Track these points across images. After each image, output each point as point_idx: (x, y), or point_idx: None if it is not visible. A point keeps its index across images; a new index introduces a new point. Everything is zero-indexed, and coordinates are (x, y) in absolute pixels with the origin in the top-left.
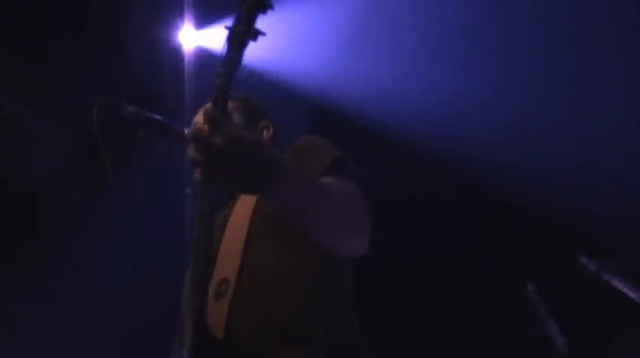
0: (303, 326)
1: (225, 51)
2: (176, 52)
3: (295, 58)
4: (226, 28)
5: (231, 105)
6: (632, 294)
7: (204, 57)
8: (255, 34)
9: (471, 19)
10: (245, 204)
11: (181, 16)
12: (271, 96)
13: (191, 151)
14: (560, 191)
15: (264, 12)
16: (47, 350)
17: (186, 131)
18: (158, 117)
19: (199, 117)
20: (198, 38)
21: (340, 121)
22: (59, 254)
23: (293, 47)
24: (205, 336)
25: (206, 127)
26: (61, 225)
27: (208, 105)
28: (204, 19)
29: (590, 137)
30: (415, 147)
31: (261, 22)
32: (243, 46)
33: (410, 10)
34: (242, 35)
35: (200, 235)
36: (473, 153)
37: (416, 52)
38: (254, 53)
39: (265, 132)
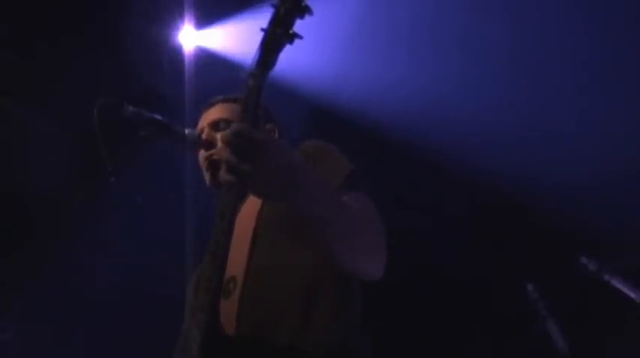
0: (310, 324)
1: (259, 52)
2: (176, 52)
3: (294, 57)
4: (262, 30)
5: (237, 108)
6: (632, 294)
7: (204, 57)
8: (292, 37)
9: (472, 18)
10: (252, 204)
11: (181, 16)
12: (270, 96)
13: (222, 152)
14: (560, 191)
15: (302, 16)
16: (47, 350)
17: (186, 131)
18: (158, 117)
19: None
20: (198, 38)
21: (339, 121)
22: (59, 254)
23: (292, 47)
24: (216, 333)
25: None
26: (61, 225)
27: (235, 125)
28: (204, 19)
29: (590, 137)
30: (415, 147)
31: (258, 22)
32: (279, 48)
33: (410, 10)
34: (279, 38)
35: (221, 232)
36: (473, 153)
37: (416, 52)
38: (253, 53)
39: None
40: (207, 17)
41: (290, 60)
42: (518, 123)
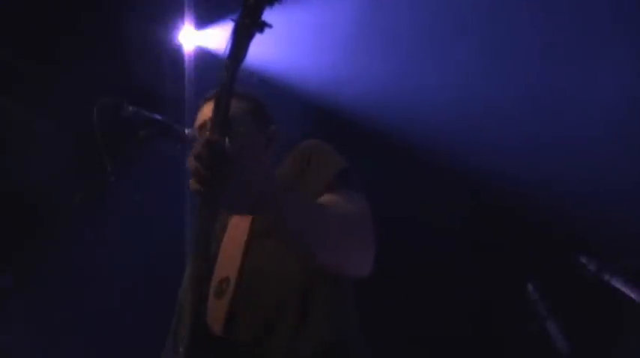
0: (302, 324)
1: (230, 43)
2: (176, 52)
3: (294, 57)
4: (232, 20)
5: (243, 106)
6: (632, 294)
7: (204, 57)
8: (261, 26)
9: (473, 18)
10: None
11: (181, 16)
12: (270, 95)
13: (191, 162)
14: (560, 191)
15: (271, 5)
16: (47, 350)
17: (186, 131)
18: (158, 117)
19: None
20: (198, 38)
21: (338, 121)
22: (59, 254)
23: (292, 47)
24: (203, 332)
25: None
26: (61, 225)
27: (208, 134)
28: (204, 19)
29: (590, 137)
30: (414, 147)
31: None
32: (249, 38)
33: (410, 10)
34: (248, 27)
35: (200, 232)
36: (473, 153)
37: (417, 53)
38: (254, 53)
39: (272, 138)
40: (207, 17)
41: (291, 60)
42: (519, 123)
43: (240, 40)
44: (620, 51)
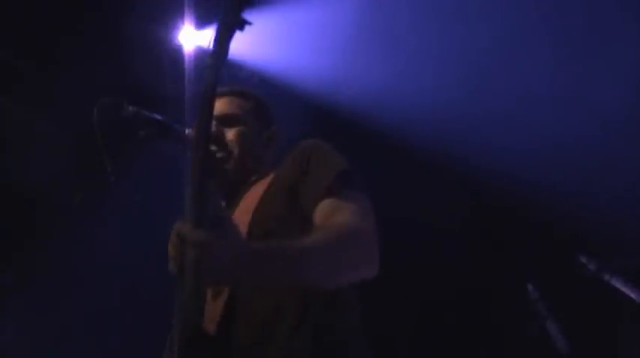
0: (301, 325)
1: (214, 43)
2: (176, 52)
3: (294, 57)
4: (215, 20)
5: (246, 105)
6: (632, 294)
7: (204, 57)
8: (242, 25)
9: (472, 19)
10: (246, 206)
11: (181, 16)
12: (270, 95)
13: (172, 249)
14: (560, 191)
15: (251, 4)
16: (47, 350)
17: (186, 131)
18: (158, 117)
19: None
20: (198, 38)
21: (338, 121)
22: (59, 254)
23: (292, 47)
24: (198, 333)
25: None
26: (61, 225)
27: (179, 225)
28: (204, 19)
29: (590, 138)
30: (414, 147)
31: (263, 23)
32: (230, 36)
33: (409, 10)
34: (230, 26)
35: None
36: (473, 153)
37: (416, 53)
38: (254, 53)
39: (272, 138)
40: (207, 17)
41: (290, 60)
42: (519, 123)
43: (223, 39)
44: (624, 52)
